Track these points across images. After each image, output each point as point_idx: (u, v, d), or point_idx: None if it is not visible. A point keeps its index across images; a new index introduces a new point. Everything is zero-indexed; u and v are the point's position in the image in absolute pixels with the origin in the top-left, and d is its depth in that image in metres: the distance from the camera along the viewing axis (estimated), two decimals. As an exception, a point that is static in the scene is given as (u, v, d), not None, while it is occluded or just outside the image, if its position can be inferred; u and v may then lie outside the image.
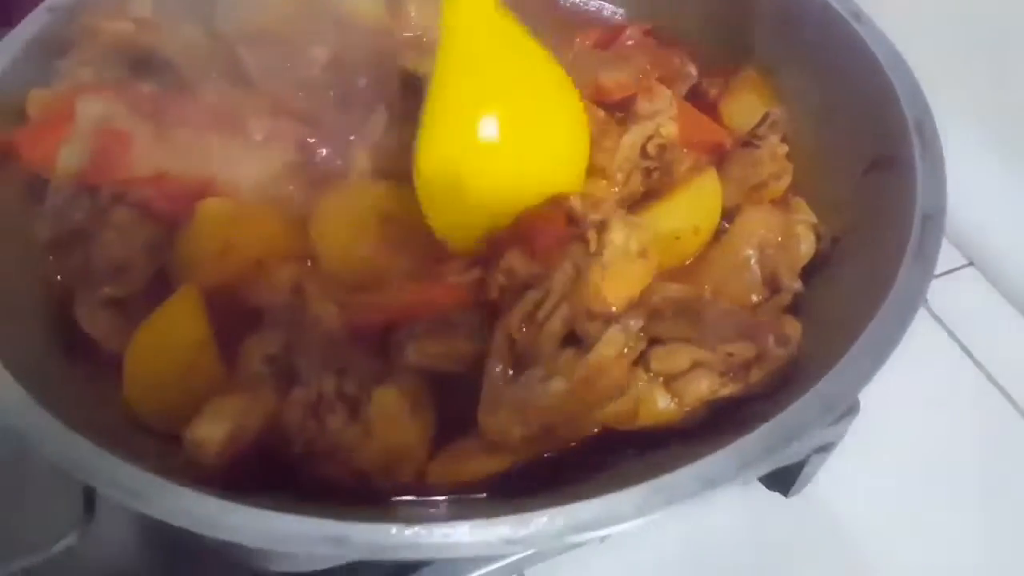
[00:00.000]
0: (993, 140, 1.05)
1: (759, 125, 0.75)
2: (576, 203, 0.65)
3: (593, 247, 0.63)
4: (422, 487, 0.59)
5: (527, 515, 0.48)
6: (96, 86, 0.75)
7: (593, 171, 0.71)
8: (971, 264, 1.07)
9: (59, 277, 0.69)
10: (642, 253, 0.64)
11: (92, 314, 0.66)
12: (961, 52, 1.12)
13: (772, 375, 0.61)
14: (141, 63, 0.81)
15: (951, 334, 0.99)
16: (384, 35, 0.89)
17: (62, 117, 0.73)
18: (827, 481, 0.81)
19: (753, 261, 0.69)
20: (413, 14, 0.93)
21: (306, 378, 0.59)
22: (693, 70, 0.86)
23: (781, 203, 0.74)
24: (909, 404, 0.87)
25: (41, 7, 0.82)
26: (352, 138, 0.74)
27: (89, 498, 0.70)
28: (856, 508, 0.83)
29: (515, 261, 0.63)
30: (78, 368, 0.64)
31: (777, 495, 0.83)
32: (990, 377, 0.94)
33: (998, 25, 1.15)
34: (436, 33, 0.89)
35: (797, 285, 0.68)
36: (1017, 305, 1.01)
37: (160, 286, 0.66)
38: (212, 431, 0.56)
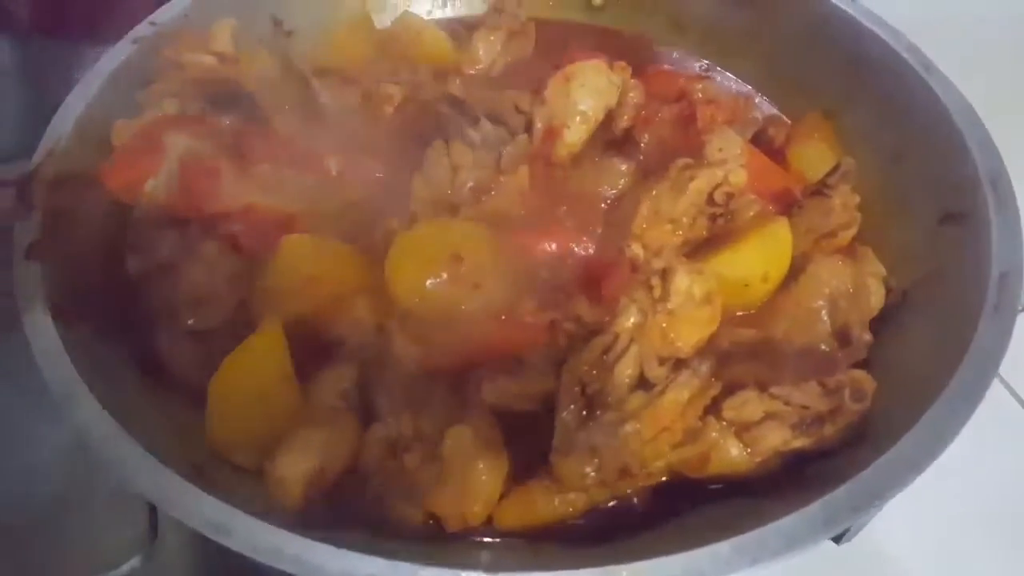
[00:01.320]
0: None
1: (831, 174, 0.75)
2: (638, 251, 0.66)
3: (657, 293, 0.64)
4: (493, 529, 0.60)
5: (610, 568, 0.48)
6: (181, 119, 0.77)
7: (658, 215, 0.72)
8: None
9: (144, 308, 0.70)
10: (707, 299, 0.65)
11: (174, 346, 0.68)
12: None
13: (846, 430, 0.61)
14: (221, 96, 0.83)
15: (1002, 379, 0.98)
16: (451, 72, 0.92)
17: (147, 149, 0.76)
18: (878, 526, 0.80)
19: (824, 312, 0.69)
20: (481, 52, 0.95)
21: (384, 415, 0.60)
22: (759, 114, 0.86)
23: (848, 252, 0.74)
24: (958, 448, 0.86)
25: (125, 39, 0.85)
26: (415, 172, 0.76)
27: (153, 522, 0.72)
28: (905, 552, 0.81)
29: (581, 308, 0.64)
30: (163, 399, 0.66)
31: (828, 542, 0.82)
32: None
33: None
34: (500, 66, 0.94)
35: (868, 337, 0.68)
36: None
37: (242, 318, 0.68)
38: (295, 467, 0.57)
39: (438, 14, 1.07)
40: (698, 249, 0.73)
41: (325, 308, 0.65)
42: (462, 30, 1.00)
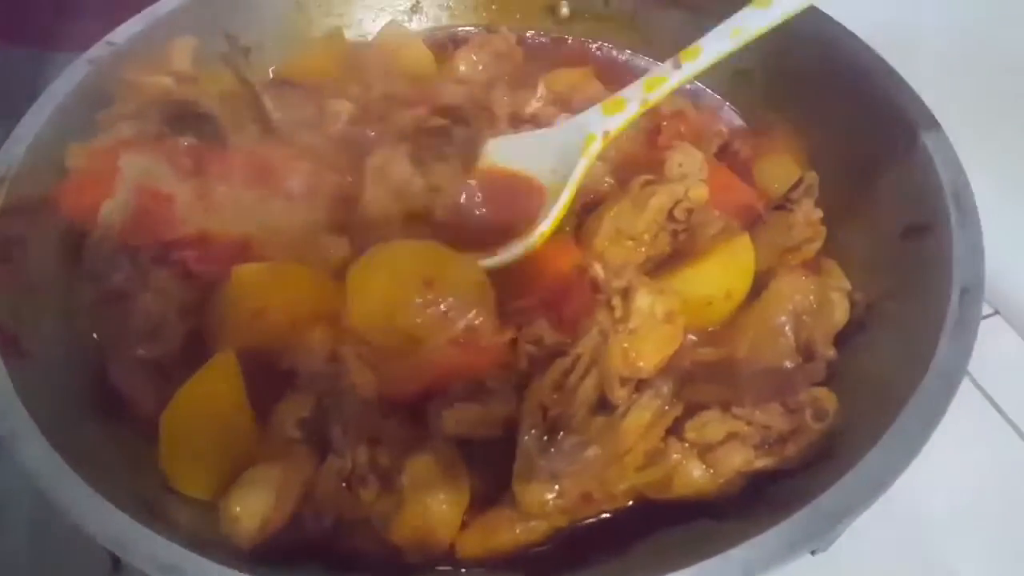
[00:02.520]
0: (1019, 190, 1.04)
1: (793, 188, 0.75)
2: (599, 271, 0.66)
3: (618, 313, 0.64)
4: (455, 559, 0.59)
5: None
6: (138, 142, 0.76)
7: (620, 233, 0.72)
8: (997, 313, 1.06)
9: (95, 336, 0.69)
10: (668, 318, 0.64)
11: (127, 374, 0.66)
12: (986, 100, 1.12)
13: (808, 448, 0.61)
14: (179, 116, 0.82)
15: (976, 383, 0.97)
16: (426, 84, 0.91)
17: (102, 172, 0.74)
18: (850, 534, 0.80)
19: (787, 328, 0.69)
20: (462, 69, 0.95)
21: (339, 447, 0.59)
22: (724, 128, 0.86)
23: (813, 266, 0.74)
24: (932, 455, 0.86)
25: (81, 59, 0.83)
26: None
27: (116, 556, 0.70)
28: (879, 561, 0.81)
29: (542, 330, 0.64)
30: (114, 430, 0.64)
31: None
32: (1015, 427, 0.93)
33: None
34: (481, 79, 0.93)
35: (831, 353, 0.68)
36: (1043, 355, 1.00)
37: (194, 347, 0.67)
38: (250, 505, 0.56)
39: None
40: (661, 266, 0.73)
41: (278, 338, 0.64)
42: (448, 43, 1.00)
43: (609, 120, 0.77)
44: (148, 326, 0.66)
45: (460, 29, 1.05)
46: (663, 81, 0.77)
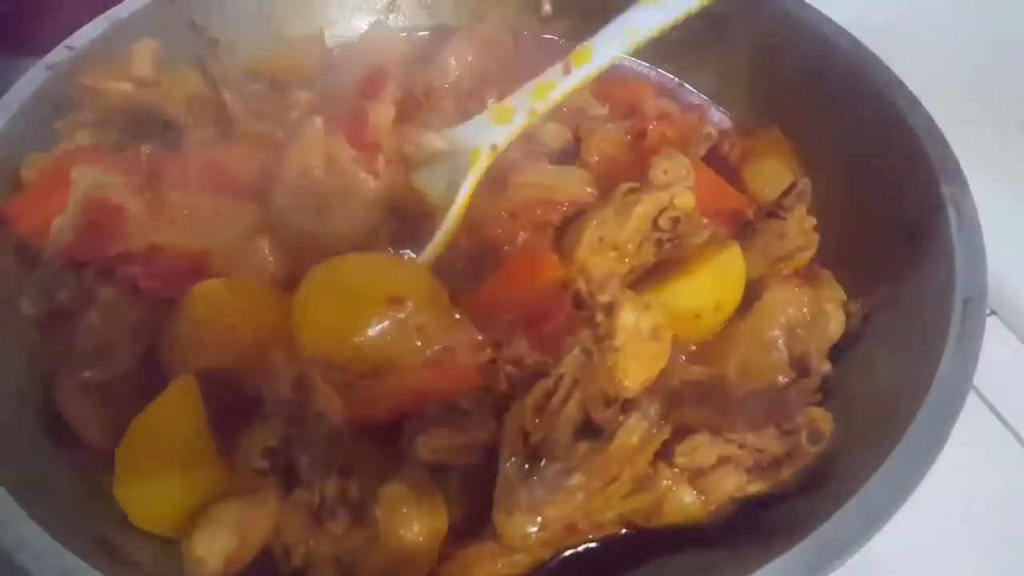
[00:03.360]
0: (1015, 191, 1.02)
1: (785, 195, 0.72)
2: (582, 285, 0.62)
3: (602, 330, 0.60)
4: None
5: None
6: (93, 153, 0.72)
7: (603, 243, 0.68)
8: (994, 314, 1.04)
9: (44, 357, 0.65)
10: (654, 334, 0.61)
11: (73, 398, 0.62)
12: (982, 98, 1.10)
13: (804, 472, 0.58)
14: (142, 123, 0.78)
15: (972, 385, 0.95)
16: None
17: (57, 184, 0.70)
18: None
19: (780, 341, 0.66)
20: (452, 63, 0.91)
21: (307, 478, 0.56)
22: (713, 129, 0.82)
23: (807, 275, 0.71)
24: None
25: (39, 65, 0.79)
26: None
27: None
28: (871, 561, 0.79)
29: (522, 349, 0.60)
30: (67, 460, 0.61)
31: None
32: (1011, 428, 0.90)
33: (1019, 82, 1.13)
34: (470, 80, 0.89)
35: (826, 367, 0.65)
36: (1041, 356, 0.98)
37: (146, 369, 0.63)
38: (213, 546, 0.53)
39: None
40: (646, 276, 0.70)
41: (243, 360, 0.60)
42: (436, 38, 0.96)
43: (498, 131, 0.74)
44: (95, 347, 0.62)
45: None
46: (552, 87, 0.73)
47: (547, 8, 1.00)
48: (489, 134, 0.74)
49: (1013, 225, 1.01)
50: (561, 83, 0.73)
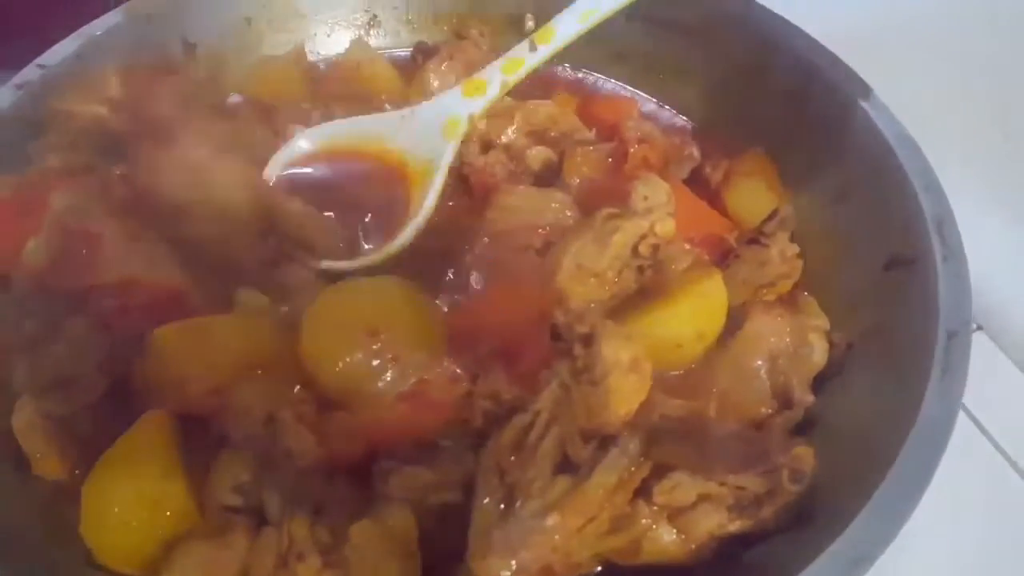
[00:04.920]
0: (1001, 204, 1.02)
1: (768, 221, 0.71)
2: (560, 316, 0.61)
3: (581, 363, 0.59)
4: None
5: None
6: (65, 174, 0.71)
7: (582, 270, 0.67)
8: (980, 329, 1.03)
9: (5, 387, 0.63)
10: (634, 366, 0.59)
11: (30, 430, 0.60)
12: (968, 118, 1.10)
13: (785, 510, 0.56)
14: (114, 145, 0.76)
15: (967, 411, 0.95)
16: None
17: (25, 208, 0.69)
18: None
19: (763, 371, 0.65)
20: (434, 84, 0.90)
21: (276, 518, 0.54)
22: (696, 152, 0.81)
23: (790, 302, 0.70)
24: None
25: (8, 84, 0.78)
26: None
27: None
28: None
29: (499, 384, 0.59)
30: (31, 493, 0.59)
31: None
32: (996, 444, 0.90)
33: (1005, 93, 1.12)
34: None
35: (809, 399, 0.64)
36: (1026, 371, 0.97)
37: (109, 402, 0.61)
38: None
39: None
40: (626, 304, 0.68)
41: (204, 405, 0.59)
42: (418, 56, 0.96)
43: (471, 102, 0.78)
44: (58, 379, 0.60)
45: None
46: (520, 63, 0.79)
47: (530, 24, 0.99)
48: (464, 105, 0.78)
49: (998, 237, 1.01)
50: (528, 59, 0.80)
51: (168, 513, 0.56)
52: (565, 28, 0.79)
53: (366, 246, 0.75)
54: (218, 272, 0.68)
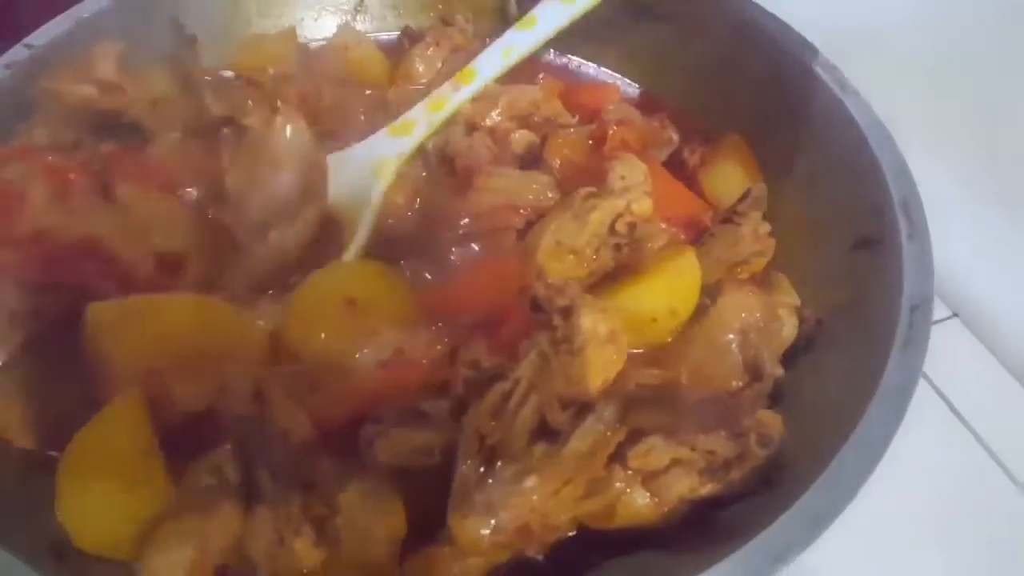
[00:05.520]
0: (979, 193, 1.04)
1: (741, 201, 0.73)
2: (540, 289, 0.63)
3: (560, 334, 0.61)
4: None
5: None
6: (44, 151, 0.71)
7: (561, 247, 0.69)
8: (956, 316, 1.05)
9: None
10: (611, 338, 0.62)
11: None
12: (944, 106, 1.12)
13: (753, 474, 0.59)
14: (104, 126, 0.78)
15: (934, 387, 0.97)
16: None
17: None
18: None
19: (734, 345, 0.67)
20: (419, 68, 0.93)
21: (270, 495, 0.56)
22: (674, 135, 0.84)
23: (762, 280, 0.73)
24: (888, 457, 0.85)
25: (-5, 63, 0.79)
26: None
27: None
28: (833, 569, 0.80)
29: (479, 352, 0.61)
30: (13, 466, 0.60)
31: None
32: (974, 432, 0.92)
33: (981, 81, 1.15)
34: (438, 82, 0.90)
35: (779, 371, 0.66)
36: (1002, 358, 1.00)
37: (73, 367, 0.61)
38: (171, 559, 0.52)
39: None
40: (604, 280, 0.71)
41: (192, 379, 0.60)
42: (404, 40, 0.97)
43: (398, 142, 0.80)
44: None
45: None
46: (445, 101, 0.83)
47: (514, 9, 1.01)
48: (393, 145, 0.80)
49: (974, 229, 1.03)
50: (452, 97, 0.83)
51: (145, 494, 0.56)
52: (485, 69, 0.84)
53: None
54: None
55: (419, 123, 0.81)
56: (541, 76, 0.90)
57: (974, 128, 1.10)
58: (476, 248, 0.72)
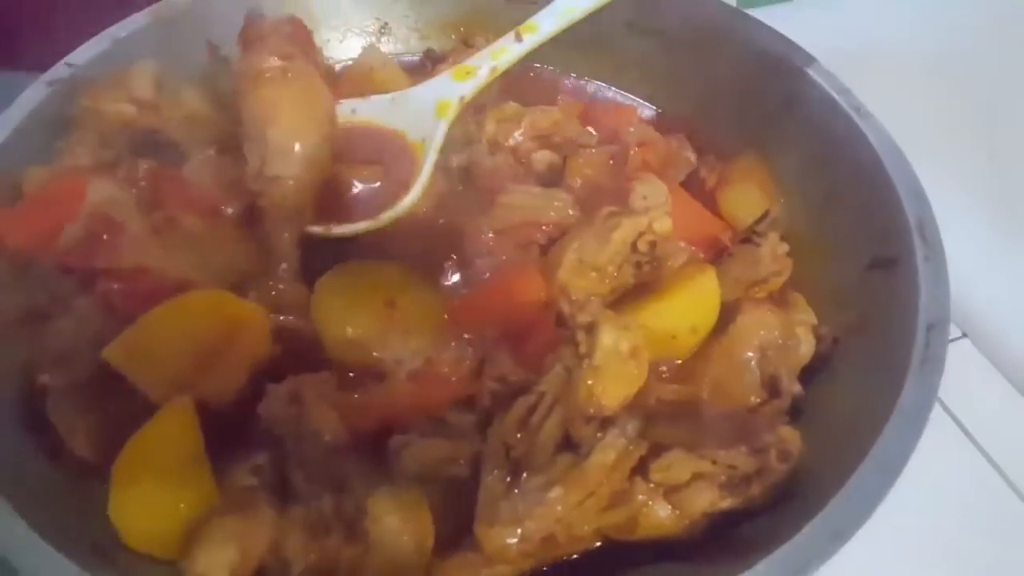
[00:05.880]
0: (986, 213, 1.05)
1: (759, 221, 0.75)
2: (565, 306, 0.65)
3: (583, 349, 0.63)
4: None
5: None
6: (92, 171, 0.74)
7: (583, 264, 0.71)
8: (965, 336, 1.06)
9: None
10: (633, 354, 0.63)
11: (59, 407, 0.63)
12: (956, 130, 1.13)
13: (773, 489, 0.60)
14: (142, 143, 0.80)
15: (943, 405, 0.98)
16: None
17: (56, 198, 0.72)
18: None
19: (753, 363, 0.68)
20: None
21: (303, 495, 0.58)
22: (692, 155, 0.85)
23: (779, 298, 0.74)
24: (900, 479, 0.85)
25: (39, 81, 0.81)
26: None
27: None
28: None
29: (505, 366, 0.63)
30: (62, 471, 0.62)
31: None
32: (983, 451, 0.93)
33: (991, 105, 1.16)
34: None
35: (797, 388, 0.68)
36: (1011, 379, 1.00)
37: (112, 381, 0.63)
38: (215, 562, 0.54)
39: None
40: (625, 297, 0.72)
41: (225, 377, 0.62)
42: (428, 63, 0.99)
43: (461, 86, 0.84)
44: (57, 353, 0.63)
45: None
46: (507, 50, 0.86)
47: (533, 32, 1.03)
48: (455, 88, 0.84)
49: (985, 251, 1.04)
50: (513, 48, 0.86)
51: (193, 496, 0.58)
52: (547, 23, 0.87)
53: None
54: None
55: (481, 68, 0.85)
56: (560, 99, 0.92)
57: (980, 145, 1.11)
58: (501, 263, 0.74)
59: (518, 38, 0.86)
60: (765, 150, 0.86)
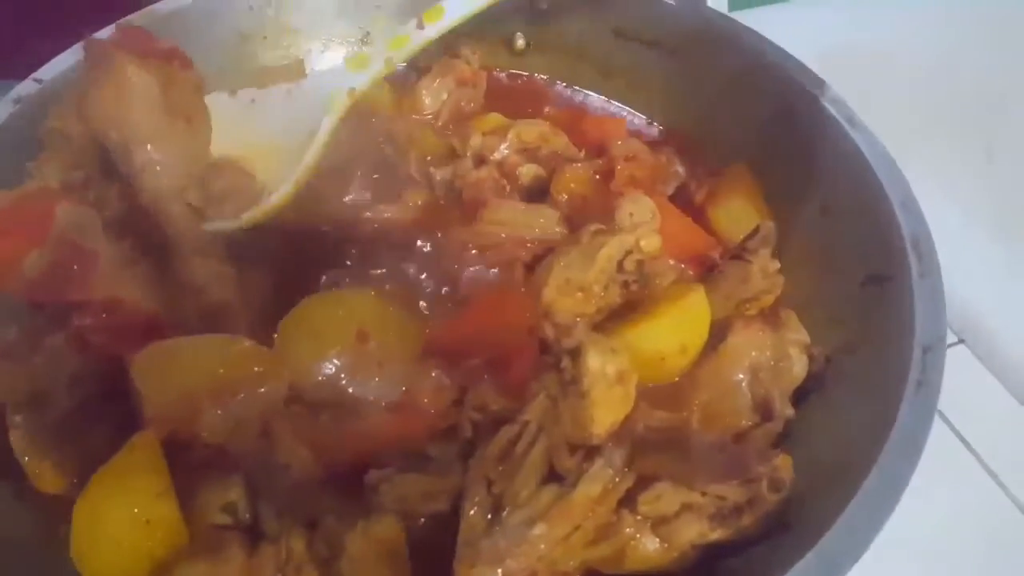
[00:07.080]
0: (982, 219, 1.04)
1: (750, 238, 0.72)
2: (549, 331, 0.63)
3: (568, 375, 0.60)
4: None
5: None
6: (66, 193, 0.72)
7: (569, 283, 0.69)
8: (962, 342, 1.05)
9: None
10: (620, 378, 0.61)
11: (23, 441, 0.61)
12: (950, 135, 1.12)
13: (764, 518, 0.58)
14: (113, 163, 0.77)
15: (939, 412, 0.96)
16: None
17: (22, 221, 0.69)
18: None
19: (744, 385, 0.66)
20: (426, 100, 0.93)
21: (273, 532, 0.55)
22: (681, 169, 0.83)
23: (771, 316, 0.72)
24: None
25: (6, 99, 0.79)
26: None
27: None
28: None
29: (487, 395, 0.61)
30: (24, 506, 0.60)
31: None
32: (979, 458, 0.91)
33: (986, 109, 1.15)
34: (446, 116, 0.92)
35: (789, 412, 0.66)
36: (1007, 384, 0.99)
37: (103, 415, 0.62)
38: None
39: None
40: (612, 317, 0.70)
41: (202, 416, 0.59)
42: (411, 73, 0.97)
43: (353, 77, 0.78)
44: (32, 392, 0.61)
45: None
46: (406, 40, 0.79)
47: (520, 43, 1.01)
48: (347, 79, 0.78)
49: (980, 255, 1.03)
50: (415, 36, 0.80)
51: (160, 534, 0.56)
52: (454, 9, 0.80)
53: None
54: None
55: (376, 58, 0.79)
56: (547, 110, 0.90)
57: (977, 157, 1.10)
58: (484, 283, 0.71)
59: (420, 26, 0.80)
60: (756, 164, 0.84)
